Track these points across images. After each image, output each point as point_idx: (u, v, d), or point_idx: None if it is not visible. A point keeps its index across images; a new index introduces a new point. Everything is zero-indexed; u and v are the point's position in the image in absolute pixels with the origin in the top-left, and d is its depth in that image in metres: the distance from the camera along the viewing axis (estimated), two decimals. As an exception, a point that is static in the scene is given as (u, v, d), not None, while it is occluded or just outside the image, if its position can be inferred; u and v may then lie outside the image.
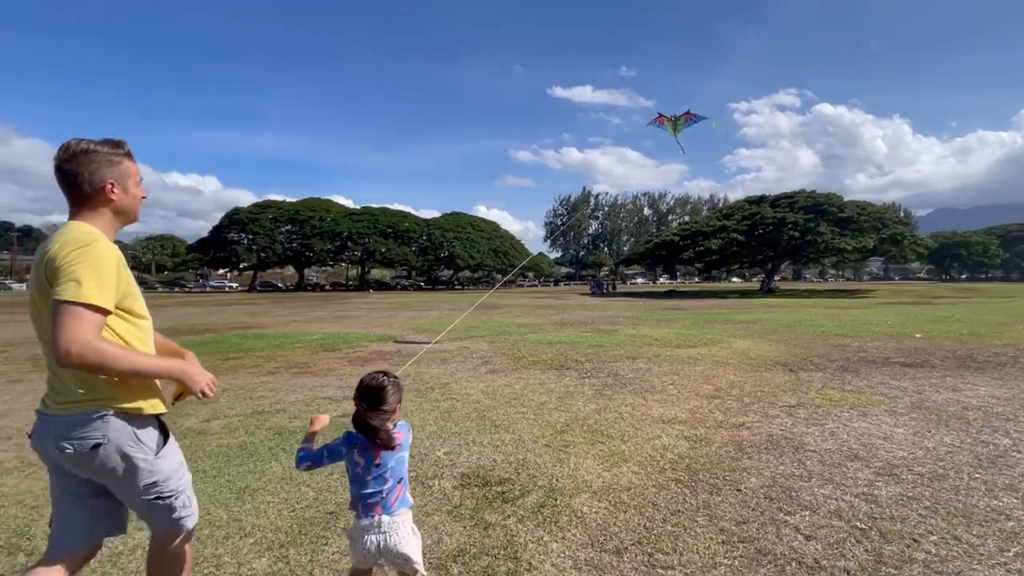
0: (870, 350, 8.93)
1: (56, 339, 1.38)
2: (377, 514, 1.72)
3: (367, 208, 66.26)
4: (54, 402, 1.55)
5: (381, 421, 1.71)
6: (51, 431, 1.52)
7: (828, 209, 37.14)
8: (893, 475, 3.43)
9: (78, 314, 1.39)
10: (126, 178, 1.65)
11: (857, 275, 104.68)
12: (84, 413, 1.51)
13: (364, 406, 1.73)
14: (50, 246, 1.50)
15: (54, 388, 1.56)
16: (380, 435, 1.69)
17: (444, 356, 8.81)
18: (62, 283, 1.41)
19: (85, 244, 1.47)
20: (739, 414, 4.95)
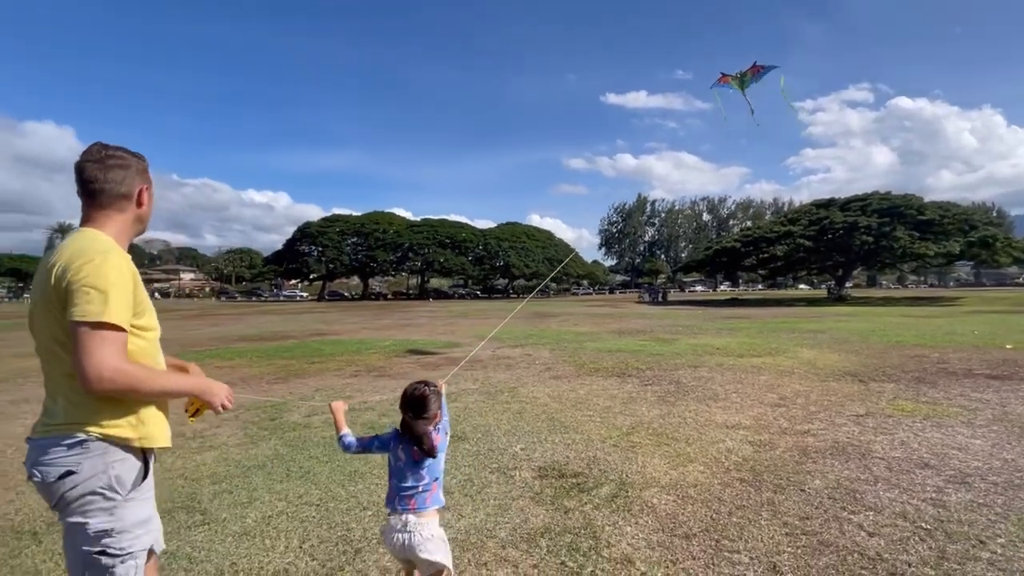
0: (951, 361, 8.53)
1: (84, 364, 1.30)
2: (411, 509, 1.85)
3: (427, 220, 68.65)
4: (43, 425, 1.44)
5: (425, 428, 1.87)
6: (31, 458, 1.41)
7: (906, 212, 34.68)
8: (964, 483, 3.48)
9: (103, 336, 1.32)
10: (151, 187, 1.64)
11: (943, 281, 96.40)
12: (63, 436, 1.38)
13: (410, 415, 1.91)
14: (60, 256, 1.40)
15: (47, 410, 1.46)
16: (425, 442, 1.85)
17: (509, 362, 9.25)
18: (80, 302, 1.32)
19: (99, 258, 1.37)
20: (804, 422, 5.03)
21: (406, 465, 1.90)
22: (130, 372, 1.36)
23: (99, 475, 1.38)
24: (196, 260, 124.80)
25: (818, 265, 42.17)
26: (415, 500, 1.86)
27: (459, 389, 6.83)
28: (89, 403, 1.39)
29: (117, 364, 1.33)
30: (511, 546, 2.67)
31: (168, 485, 3.54)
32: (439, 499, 1.92)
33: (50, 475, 1.37)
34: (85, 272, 1.34)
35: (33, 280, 1.54)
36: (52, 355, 1.43)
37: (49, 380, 1.46)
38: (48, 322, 1.41)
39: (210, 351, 11.51)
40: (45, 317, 1.42)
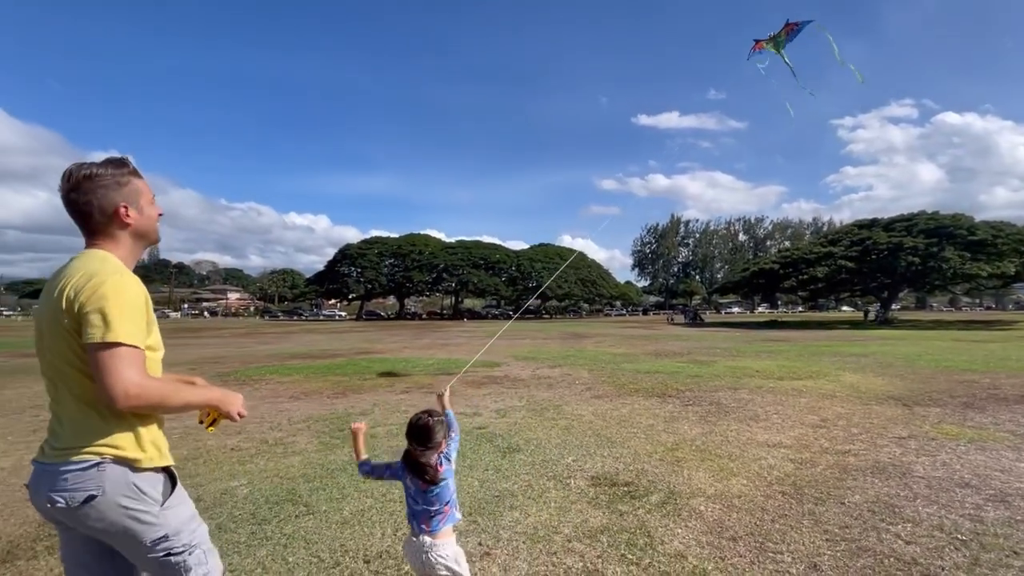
0: (1003, 387, 8.39)
1: (110, 384, 1.32)
2: (426, 531, 1.97)
3: (461, 242, 70.14)
4: (51, 448, 1.44)
5: (428, 458, 1.96)
6: (44, 482, 1.40)
7: (955, 232, 33.41)
8: (1004, 502, 3.64)
9: (122, 356, 1.35)
10: (137, 197, 1.54)
11: (1001, 303, 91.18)
12: (78, 461, 1.38)
13: (415, 444, 1.99)
14: (69, 277, 1.41)
15: (54, 432, 1.46)
16: (427, 473, 1.95)
17: (549, 382, 9.60)
18: (97, 324, 1.34)
19: (110, 279, 1.38)
20: (845, 442, 5.20)
21: (416, 492, 1.99)
22: (155, 387, 1.40)
23: (123, 494, 1.40)
24: (241, 280, 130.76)
25: (861, 287, 40.87)
26: (429, 523, 1.97)
27: (507, 406, 7.23)
28: (98, 425, 1.41)
29: (141, 380, 1.36)
30: (576, 540, 3.04)
31: (268, 483, 4.06)
32: (454, 517, 2.03)
33: (75, 500, 1.36)
34: (99, 294, 1.35)
35: (40, 300, 1.51)
36: (61, 375, 1.43)
37: (56, 401, 1.47)
38: (59, 343, 1.40)
39: (269, 367, 12.30)
40: (55, 338, 1.41)
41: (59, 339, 1.40)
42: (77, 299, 1.36)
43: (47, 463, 1.42)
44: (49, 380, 1.47)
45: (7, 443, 5.49)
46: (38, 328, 1.48)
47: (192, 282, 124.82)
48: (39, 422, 6.47)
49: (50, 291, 1.44)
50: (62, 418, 1.44)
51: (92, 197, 1.47)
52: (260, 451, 5.04)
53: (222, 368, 12.36)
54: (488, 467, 4.46)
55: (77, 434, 1.41)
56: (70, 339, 1.39)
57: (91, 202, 1.47)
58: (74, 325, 1.37)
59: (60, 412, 1.46)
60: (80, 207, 1.48)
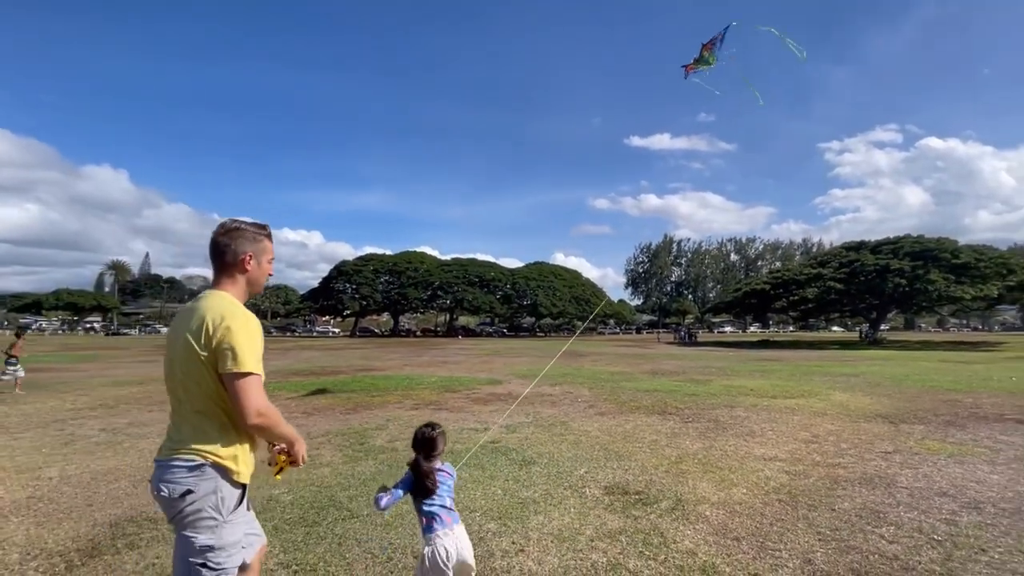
0: (984, 406, 8.86)
1: (244, 405, 1.61)
2: (449, 525, 2.24)
3: (456, 259, 70.66)
4: (167, 448, 1.72)
5: (430, 467, 2.26)
6: (157, 475, 1.68)
7: (940, 255, 34.44)
8: (977, 508, 4.05)
9: (252, 382, 1.63)
10: (261, 254, 1.89)
11: (987, 325, 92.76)
12: (187, 460, 1.65)
13: (422, 454, 2.30)
14: (206, 313, 1.69)
15: (171, 436, 1.74)
16: (428, 481, 2.24)
17: (552, 399, 9.95)
18: (234, 356, 1.62)
19: (237, 319, 1.69)
20: (835, 456, 5.61)
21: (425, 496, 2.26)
22: (272, 413, 1.70)
23: (210, 496, 1.66)
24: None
25: (850, 308, 41.71)
26: (450, 517, 2.27)
27: (515, 422, 7.58)
28: (212, 435, 1.69)
29: (265, 405, 1.66)
30: (598, 540, 3.40)
31: (308, 491, 4.39)
32: (456, 518, 2.33)
33: (175, 492, 1.63)
34: (234, 331, 1.65)
35: (173, 329, 1.82)
36: (189, 393, 1.71)
37: (177, 412, 1.75)
38: (192, 368, 1.67)
39: (275, 383, 12.54)
40: (189, 364, 1.68)
41: (193, 365, 1.68)
42: (215, 336, 1.65)
43: (162, 460, 1.70)
44: (175, 395, 1.76)
45: (44, 455, 5.76)
46: (170, 355, 1.78)
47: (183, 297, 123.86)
48: (67, 436, 6.74)
49: (185, 325, 1.72)
50: (182, 425, 1.72)
51: (232, 242, 1.84)
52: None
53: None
54: (508, 478, 4.81)
55: (193, 438, 1.69)
56: (203, 367, 1.67)
57: (230, 246, 1.83)
58: (210, 357, 1.66)
59: (181, 421, 1.74)
60: (221, 248, 1.84)
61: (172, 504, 1.65)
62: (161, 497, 1.66)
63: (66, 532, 3.54)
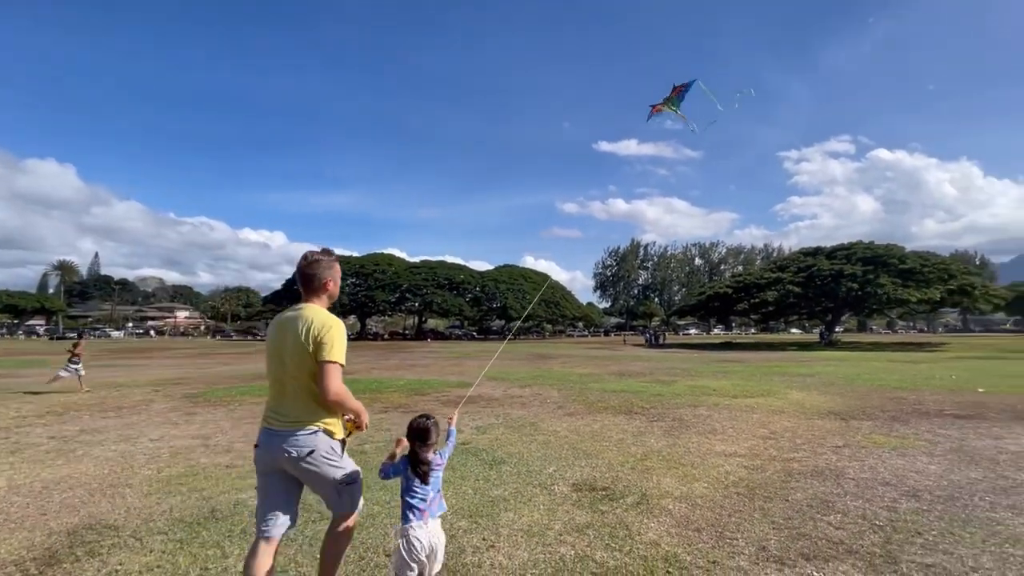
0: (926, 403, 9.44)
1: (328, 384, 2.20)
2: (424, 518, 2.37)
3: (425, 261, 70.15)
4: (279, 422, 2.29)
5: (426, 456, 2.42)
6: (277, 441, 2.26)
7: (888, 260, 36.40)
8: (915, 496, 4.36)
9: (337, 370, 2.24)
10: (336, 275, 2.52)
11: (931, 327, 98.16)
12: (302, 428, 2.26)
13: (417, 444, 2.44)
14: (310, 321, 2.29)
15: (278, 412, 2.31)
16: (422, 468, 2.40)
17: (521, 401, 10.06)
18: (327, 350, 2.22)
19: (334, 324, 2.31)
20: (790, 451, 5.90)
21: (414, 484, 2.40)
22: (346, 391, 2.31)
23: (327, 449, 2.31)
24: (190, 298, 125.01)
25: (807, 311, 43.50)
26: (427, 511, 2.40)
27: (485, 423, 7.65)
28: (316, 410, 2.30)
29: (341, 386, 2.28)
30: (566, 534, 3.51)
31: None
32: (443, 506, 2.50)
33: (303, 452, 2.26)
34: (328, 332, 2.28)
35: (280, 330, 2.37)
36: (296, 379, 2.29)
37: (282, 394, 2.33)
38: (299, 359, 2.27)
39: (239, 388, 12.22)
40: (298, 356, 2.28)
41: (302, 357, 2.26)
42: (319, 334, 2.25)
43: (280, 430, 2.28)
44: (280, 383, 2.34)
45: (-10, 464, 5.48)
46: (279, 350, 2.33)
47: (136, 299, 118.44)
48: (12, 444, 6.42)
49: (292, 327, 2.32)
50: (290, 405, 2.30)
51: (318, 271, 2.44)
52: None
53: (188, 389, 12.19)
54: (478, 477, 4.88)
55: (305, 413, 2.28)
56: (308, 357, 2.25)
57: (316, 274, 2.44)
58: (314, 348, 2.24)
59: (289, 401, 2.31)
60: (308, 277, 2.43)
61: (301, 459, 2.25)
62: (289, 456, 2.24)
63: (19, 542, 3.41)
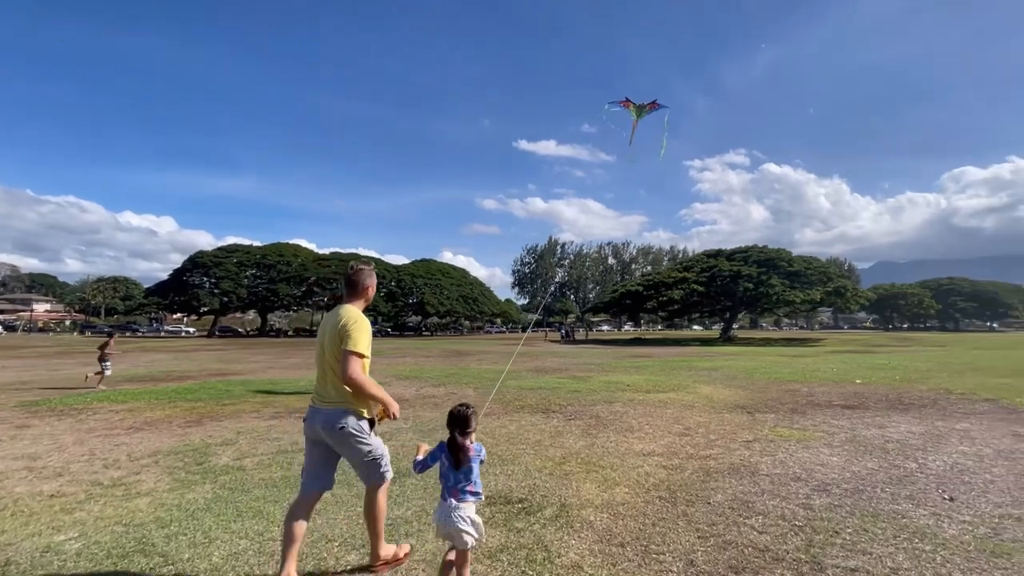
0: (816, 394, 10.10)
1: (346, 370, 2.62)
2: (454, 499, 2.51)
3: (336, 253, 66.39)
4: (321, 401, 2.80)
5: (463, 443, 2.56)
6: (319, 417, 2.75)
7: (778, 263, 40.04)
8: (825, 490, 4.36)
9: (355, 359, 2.64)
10: (373, 282, 3.06)
11: (809, 324, 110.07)
12: (339, 409, 2.73)
13: (457, 431, 2.58)
14: (342, 318, 2.75)
15: (320, 394, 2.82)
16: (462, 455, 2.55)
17: (435, 401, 9.45)
18: (348, 341, 2.65)
19: (361, 321, 2.76)
20: (706, 448, 5.85)
21: (449, 469, 2.59)
22: (364, 377, 2.64)
23: (356, 426, 2.71)
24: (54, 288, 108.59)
25: (709, 308, 46.71)
26: (459, 495, 2.55)
27: (391, 428, 6.95)
28: (347, 393, 2.70)
29: (359, 373, 2.62)
30: (476, 562, 2.99)
31: (108, 534, 3.40)
32: (478, 496, 2.63)
33: (335, 426, 2.67)
34: (354, 326, 2.69)
35: (321, 327, 2.91)
36: (332, 367, 2.72)
37: (325, 379, 2.78)
38: (333, 349, 2.70)
39: (97, 394, 10.40)
40: (333, 347, 2.70)
41: (334, 347, 2.68)
42: (346, 327, 2.67)
43: (321, 408, 2.74)
44: (321, 369, 2.81)
45: None
46: (320, 340, 2.84)
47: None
48: None
49: (332, 323, 2.77)
50: (330, 388, 2.74)
51: (360, 278, 2.94)
52: (92, 495, 4.23)
53: (25, 396, 10.16)
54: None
55: (338, 395, 2.71)
56: (339, 348, 2.65)
57: (360, 281, 2.92)
58: (341, 340, 2.65)
59: (329, 385, 2.75)
60: (354, 282, 2.92)
61: (337, 432, 2.68)
62: (325, 430, 2.70)
63: None
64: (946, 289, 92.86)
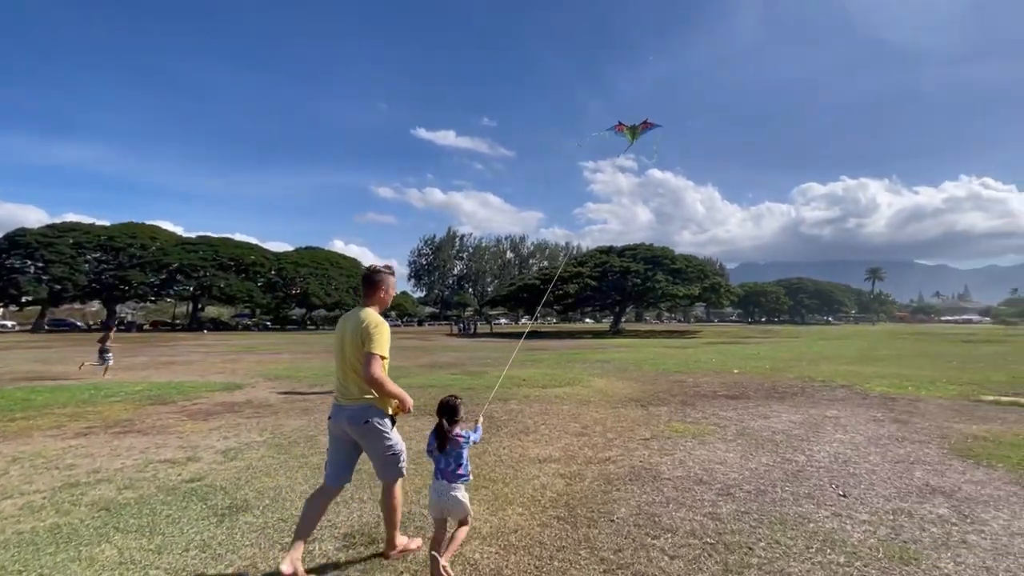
0: (702, 385, 10.37)
1: (368, 370, 2.72)
2: (447, 480, 2.75)
3: (204, 237, 58.89)
4: (344, 398, 2.90)
5: (451, 430, 2.80)
6: (343, 414, 2.87)
7: (663, 261, 42.87)
8: (729, 494, 4.04)
9: (377, 359, 2.75)
10: (391, 287, 3.12)
11: (686, 318, 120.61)
12: (363, 405, 2.85)
13: (446, 419, 2.80)
14: (363, 320, 2.87)
15: (343, 392, 2.91)
16: (448, 440, 2.78)
17: (306, 406, 8.17)
18: (371, 343, 2.77)
19: (380, 324, 2.86)
20: (605, 449, 5.40)
21: (435, 452, 2.81)
22: (384, 377, 2.80)
23: (381, 422, 2.88)
24: None
25: (601, 302, 48.76)
26: (449, 475, 2.76)
27: (241, 443, 5.68)
28: (369, 390, 2.85)
29: (380, 373, 2.77)
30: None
31: None
32: (466, 477, 2.82)
33: (361, 421, 2.85)
34: (375, 330, 2.85)
35: (340, 327, 3.03)
36: (354, 366, 2.87)
37: (346, 377, 2.92)
38: (354, 349, 2.87)
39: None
40: (355, 347, 2.87)
41: (356, 348, 2.87)
42: (367, 330, 2.86)
43: (345, 405, 2.92)
44: (342, 368, 2.95)
45: None
46: (340, 341, 2.99)
47: None
48: None
49: (350, 324, 2.96)
50: (349, 384, 2.92)
51: (381, 282, 3.09)
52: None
53: None
54: (191, 544, 3.11)
55: (360, 391, 2.88)
56: (359, 349, 2.85)
57: (379, 283, 3.07)
58: (362, 342, 2.84)
59: (350, 383, 2.91)
60: (373, 284, 3.06)
61: (361, 426, 2.86)
62: (351, 424, 2.86)
63: None
64: (796, 288, 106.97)
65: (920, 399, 8.60)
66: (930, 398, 8.67)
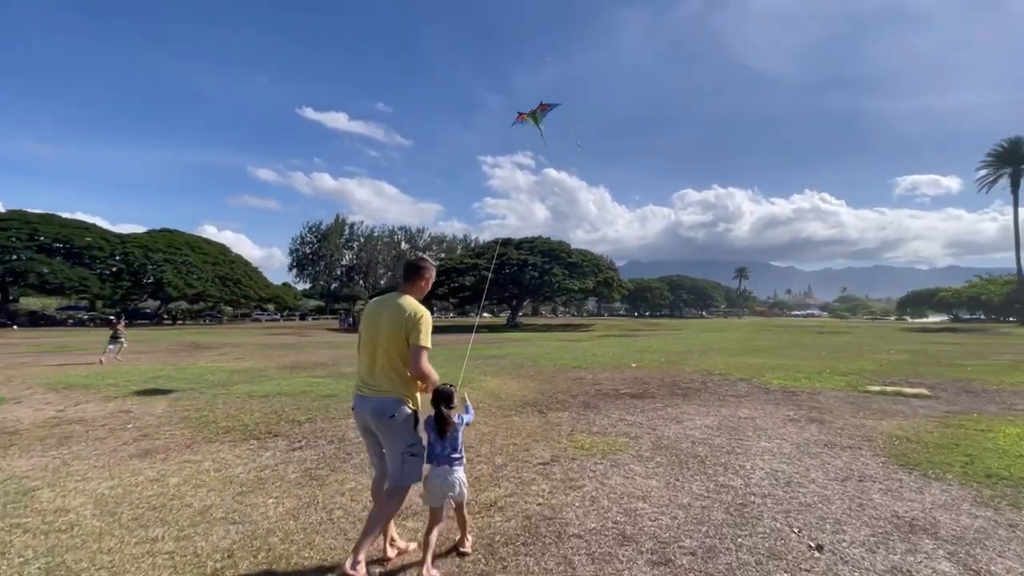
0: (602, 382, 9.34)
1: (417, 364, 2.74)
2: (447, 464, 2.83)
3: (18, 212, 47.99)
4: (369, 389, 2.83)
5: (448, 415, 2.84)
6: (366, 405, 2.81)
7: (560, 254, 42.89)
8: (668, 562, 2.71)
9: (424, 352, 2.78)
10: (431, 277, 3.10)
11: (579, 312, 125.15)
12: (388, 398, 2.77)
13: (443, 405, 2.85)
14: (406, 309, 2.81)
15: (367, 383, 2.85)
16: (447, 426, 2.83)
17: (76, 429, 5.75)
18: (418, 336, 2.76)
19: (424, 314, 2.86)
20: (490, 484, 3.90)
21: (435, 439, 2.86)
22: (429, 370, 2.76)
23: (405, 417, 2.75)
24: None
25: (498, 296, 47.83)
26: (445, 459, 2.84)
27: None
28: (401, 384, 2.77)
29: (427, 365, 2.75)
30: None
31: None
32: (461, 458, 2.88)
33: (385, 414, 2.71)
34: (420, 321, 2.78)
35: (373, 313, 2.93)
36: (389, 357, 2.77)
37: (374, 367, 2.80)
38: (392, 340, 2.77)
39: None
40: (392, 338, 2.77)
41: (395, 339, 2.77)
42: (411, 321, 2.77)
43: (370, 396, 2.79)
44: (371, 356, 2.83)
45: None
46: (373, 330, 2.85)
47: None
48: None
49: (387, 311, 2.86)
50: (380, 377, 2.78)
51: (424, 270, 3.03)
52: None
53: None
54: None
55: (389, 384, 2.77)
56: (400, 341, 2.77)
57: (423, 271, 3.02)
58: (406, 333, 2.76)
59: (378, 374, 2.79)
60: (418, 271, 3.00)
61: (387, 420, 2.72)
62: (374, 418, 2.74)
63: None
64: (676, 284, 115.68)
65: (818, 392, 8.28)
66: (826, 391, 8.39)
